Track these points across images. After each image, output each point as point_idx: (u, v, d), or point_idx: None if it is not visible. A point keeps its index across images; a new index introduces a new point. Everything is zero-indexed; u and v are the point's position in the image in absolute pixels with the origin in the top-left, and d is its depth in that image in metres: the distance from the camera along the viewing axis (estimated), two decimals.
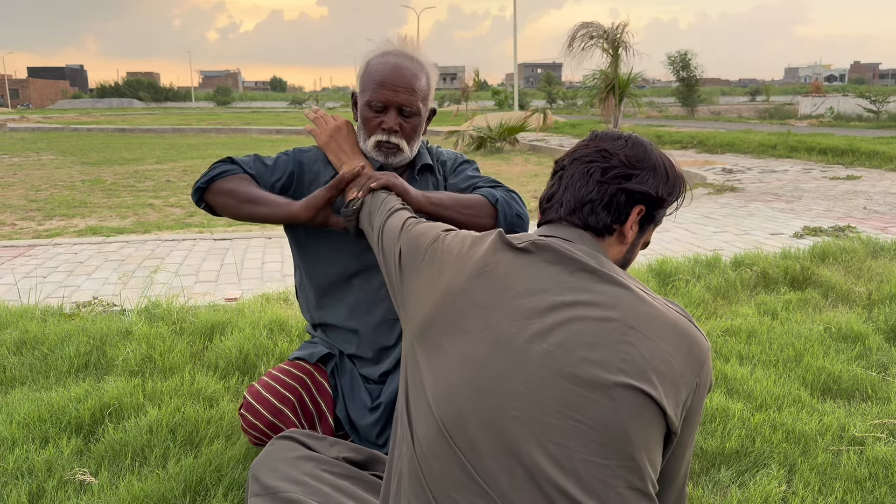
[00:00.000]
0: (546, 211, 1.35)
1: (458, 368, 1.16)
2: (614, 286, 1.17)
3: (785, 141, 13.87)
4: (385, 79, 1.91)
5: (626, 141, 1.33)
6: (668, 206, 1.36)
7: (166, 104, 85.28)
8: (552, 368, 1.10)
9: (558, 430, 1.07)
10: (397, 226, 1.51)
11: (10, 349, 2.97)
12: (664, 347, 1.13)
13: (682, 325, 1.17)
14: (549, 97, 55.47)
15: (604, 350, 1.10)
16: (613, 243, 1.31)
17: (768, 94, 68.22)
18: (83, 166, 14.17)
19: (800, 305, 3.66)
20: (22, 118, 38.99)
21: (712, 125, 23.25)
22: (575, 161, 1.33)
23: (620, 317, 1.13)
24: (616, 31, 8.30)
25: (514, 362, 1.13)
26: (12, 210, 8.69)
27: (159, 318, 3.39)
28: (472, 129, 17.86)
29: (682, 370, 1.13)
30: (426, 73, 1.98)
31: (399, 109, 1.93)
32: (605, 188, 1.28)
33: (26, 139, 23.01)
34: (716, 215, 7.04)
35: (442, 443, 1.14)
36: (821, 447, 2.22)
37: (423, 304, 1.27)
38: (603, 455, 1.06)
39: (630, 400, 1.08)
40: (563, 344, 1.11)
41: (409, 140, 1.97)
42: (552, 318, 1.14)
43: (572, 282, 1.18)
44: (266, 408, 1.94)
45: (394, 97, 1.91)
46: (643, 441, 1.09)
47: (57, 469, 2.05)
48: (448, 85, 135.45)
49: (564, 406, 1.08)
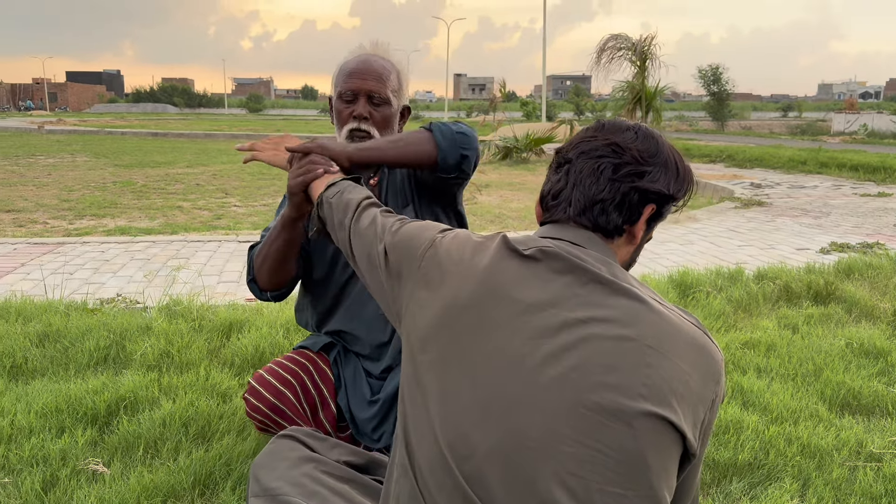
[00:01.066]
0: (552, 208, 1.25)
1: (465, 391, 1.09)
2: (629, 299, 1.10)
3: (815, 157, 13.69)
4: (354, 69, 1.96)
5: (636, 133, 1.23)
6: (677, 203, 1.27)
7: (200, 110, 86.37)
8: (568, 394, 1.04)
9: (575, 459, 1.01)
10: (372, 225, 1.40)
11: (33, 341, 3.02)
12: (683, 367, 1.07)
13: (699, 340, 1.12)
14: (578, 109, 55.31)
15: (622, 374, 1.04)
16: (622, 244, 1.23)
17: (801, 110, 67.33)
18: (116, 168, 14.40)
19: (822, 320, 3.61)
20: (59, 121, 39.73)
21: (742, 140, 23.02)
22: (583, 155, 1.23)
23: (638, 335, 1.07)
24: (644, 43, 8.28)
25: (527, 387, 1.06)
26: (45, 209, 8.85)
27: (179, 316, 3.43)
28: (499, 139, 17.85)
29: (699, 389, 1.09)
30: (396, 70, 2.01)
31: (369, 97, 1.94)
32: (618, 186, 1.19)
33: (62, 141, 23.45)
34: (742, 229, 6.97)
35: (446, 472, 1.08)
36: (836, 462, 2.18)
37: (424, 317, 1.19)
38: (621, 485, 1.01)
39: (650, 427, 1.02)
40: (578, 367, 1.05)
41: (380, 129, 1.97)
42: (565, 336, 1.07)
43: (585, 294, 1.11)
44: (269, 390, 1.98)
45: (362, 84, 1.94)
46: (662, 468, 1.04)
47: (71, 458, 2.08)
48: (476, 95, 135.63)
49: (581, 434, 1.02)
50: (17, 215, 8.36)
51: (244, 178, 12.75)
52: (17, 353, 2.87)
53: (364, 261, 1.39)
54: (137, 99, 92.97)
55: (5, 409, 2.34)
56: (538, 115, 36.32)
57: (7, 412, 2.32)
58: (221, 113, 77.75)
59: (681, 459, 1.10)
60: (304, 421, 2.00)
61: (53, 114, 61.81)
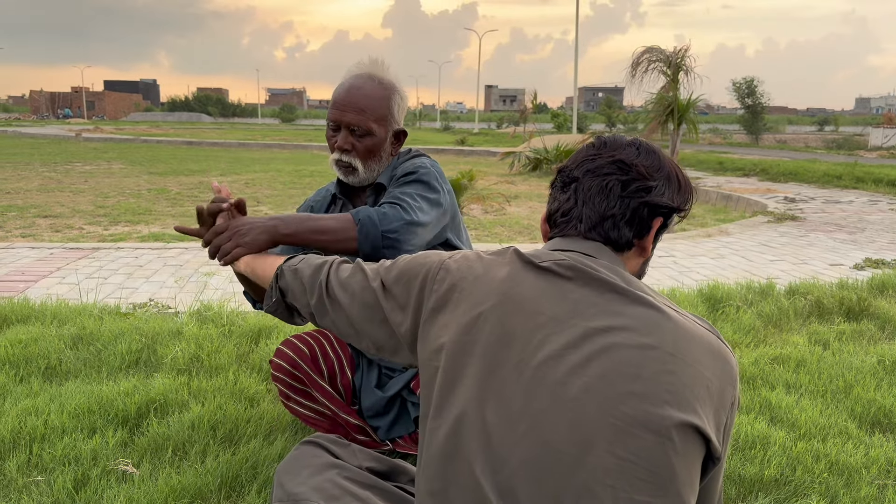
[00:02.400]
0: (562, 225, 1.28)
1: (492, 406, 1.10)
2: (646, 308, 1.12)
3: (851, 171, 13.49)
4: (337, 99, 1.97)
5: (637, 149, 1.27)
6: (682, 214, 1.30)
7: (233, 120, 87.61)
8: (595, 404, 1.05)
9: (603, 468, 1.02)
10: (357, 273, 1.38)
11: (67, 343, 3.09)
12: (703, 372, 1.09)
13: (715, 345, 1.13)
14: (609, 121, 55.10)
15: (647, 382, 1.05)
16: (632, 257, 1.26)
17: (837, 124, 66.34)
18: (150, 176, 14.67)
19: (853, 336, 3.55)
20: (96, 129, 40.59)
21: (777, 153, 22.74)
22: (589, 173, 1.26)
23: (659, 343, 1.08)
24: (677, 55, 8.24)
25: (554, 399, 1.07)
26: (81, 215, 9.04)
27: (210, 321, 3.49)
28: (529, 150, 17.86)
29: (719, 393, 1.10)
30: (387, 93, 1.98)
31: (350, 129, 1.96)
32: (627, 203, 1.22)
33: (98, 149, 23.95)
34: (774, 244, 6.88)
35: (475, 489, 1.08)
36: (865, 480, 2.14)
37: (444, 337, 1.19)
38: (650, 493, 1.02)
39: (676, 433, 1.04)
40: (603, 377, 1.06)
41: (364, 160, 1.98)
42: (588, 347, 1.09)
43: (603, 304, 1.13)
44: (290, 347, 2.14)
45: (342, 116, 1.95)
46: (688, 474, 1.05)
47: (101, 458, 2.12)
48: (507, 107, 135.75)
49: (609, 444, 1.03)
50: (54, 220, 8.55)
51: (276, 187, 12.90)
52: (51, 354, 2.94)
53: (355, 308, 1.36)
54: (173, 108, 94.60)
55: (39, 409, 2.40)
56: (569, 126, 36.25)
57: (41, 412, 2.38)
58: (255, 123, 78.72)
59: (704, 463, 1.11)
60: (323, 383, 2.14)
61: (91, 122, 63.14)
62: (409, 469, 1.62)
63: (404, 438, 2.18)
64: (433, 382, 1.19)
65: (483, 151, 25.48)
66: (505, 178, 15.47)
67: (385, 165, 2.03)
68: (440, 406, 1.16)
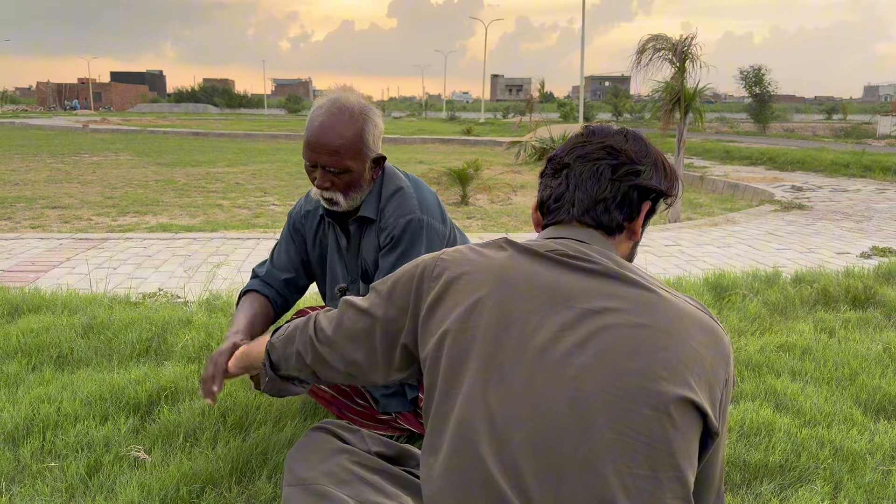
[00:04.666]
0: (554, 211, 1.31)
1: (494, 388, 1.13)
2: (640, 289, 1.16)
3: (859, 160, 13.42)
4: (309, 139, 1.99)
5: (624, 136, 1.32)
6: (668, 200, 1.34)
7: (240, 110, 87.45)
8: (594, 382, 1.08)
9: (604, 444, 1.05)
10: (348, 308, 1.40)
11: (79, 333, 3.12)
12: (697, 349, 1.12)
13: (708, 323, 1.17)
14: (616, 110, 54.90)
15: (643, 359, 1.09)
16: (623, 241, 1.30)
17: (845, 112, 65.84)
18: (157, 167, 14.72)
19: (859, 325, 3.56)
20: (103, 120, 40.67)
21: (784, 142, 22.63)
22: (580, 159, 1.30)
23: (653, 322, 1.12)
24: (684, 43, 8.20)
25: (554, 378, 1.10)
26: (89, 206, 9.09)
27: (219, 310, 3.52)
28: (535, 139, 17.83)
29: (713, 369, 1.14)
30: (359, 125, 1.99)
31: (325, 169, 2.00)
32: (618, 186, 1.27)
33: (106, 140, 24.01)
34: (781, 232, 6.88)
35: (478, 466, 1.10)
36: (870, 466, 2.16)
37: (443, 325, 1.21)
38: (651, 467, 1.05)
39: (674, 408, 1.07)
40: (601, 355, 1.10)
41: (344, 193, 2.04)
42: (585, 327, 1.12)
43: (597, 287, 1.16)
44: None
45: (317, 159, 1.99)
46: (687, 449, 1.08)
47: (114, 445, 2.15)
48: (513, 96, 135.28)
49: (610, 420, 1.06)
50: (62, 211, 8.59)
51: (282, 178, 12.92)
52: (63, 343, 2.97)
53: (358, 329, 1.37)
54: (179, 99, 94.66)
55: (52, 397, 2.43)
56: (576, 116, 36.17)
57: (54, 400, 2.41)
58: (261, 113, 78.67)
59: (704, 440, 1.14)
60: None
61: (98, 113, 63.22)
62: (417, 453, 1.64)
63: (405, 416, 2.19)
64: (437, 370, 1.21)
65: (489, 141, 25.45)
66: (511, 167, 15.47)
67: (367, 192, 2.10)
68: (446, 392, 1.18)
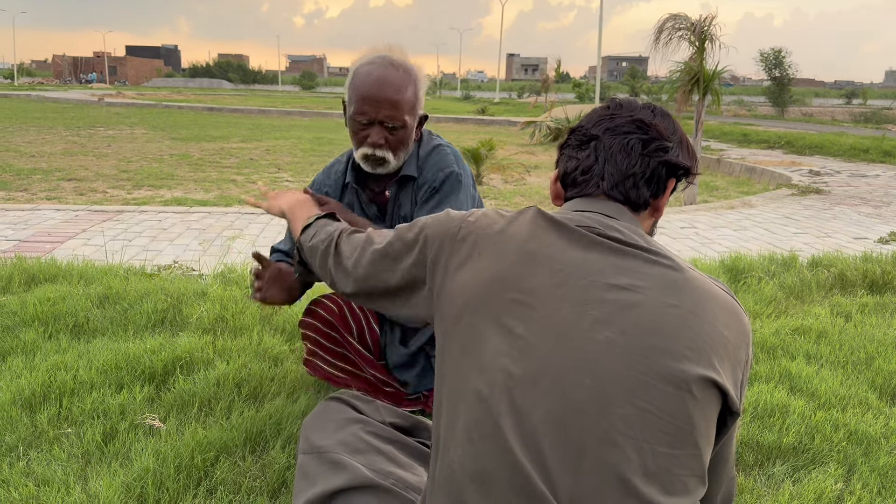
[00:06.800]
0: (581, 184, 1.29)
1: (515, 360, 1.11)
2: (667, 268, 1.15)
3: (879, 145, 13.26)
4: (368, 94, 1.91)
5: (652, 111, 1.30)
6: (690, 179, 1.32)
7: (254, 86, 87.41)
8: (618, 358, 1.07)
9: (626, 420, 1.04)
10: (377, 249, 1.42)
11: (94, 302, 3.15)
12: (721, 330, 1.11)
13: (730, 304, 1.16)
14: (633, 91, 54.41)
15: (668, 338, 1.08)
16: (646, 217, 1.29)
17: (866, 97, 64.91)
18: (172, 141, 14.74)
19: (876, 309, 3.53)
20: (118, 94, 40.73)
21: (802, 126, 22.40)
22: (609, 131, 1.27)
23: (680, 302, 1.11)
24: (703, 23, 8.09)
25: (577, 352, 1.09)
26: (104, 179, 9.13)
27: (234, 283, 3.53)
28: (550, 120, 17.71)
29: (735, 349, 1.13)
30: (413, 81, 1.96)
31: (383, 124, 1.93)
32: (647, 161, 1.25)
33: (121, 114, 24.06)
34: (798, 216, 6.81)
35: (496, 438, 1.09)
36: (884, 449, 2.15)
37: (465, 292, 1.20)
38: (670, 444, 1.05)
39: (696, 387, 1.06)
40: (626, 331, 1.08)
41: (395, 151, 1.98)
42: (611, 303, 1.10)
43: (623, 263, 1.15)
44: (322, 307, 2.25)
45: (376, 113, 1.91)
46: (706, 427, 1.08)
47: (129, 413, 2.18)
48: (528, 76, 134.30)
49: (632, 396, 1.05)
50: (78, 184, 8.64)
51: (296, 154, 12.92)
52: (79, 313, 3.00)
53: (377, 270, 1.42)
54: (194, 74, 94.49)
55: (68, 365, 2.46)
56: (591, 96, 35.89)
57: (70, 368, 2.43)
58: (275, 90, 78.57)
59: (724, 419, 1.14)
60: (352, 339, 2.23)
61: (113, 87, 63.30)
62: (430, 425, 1.64)
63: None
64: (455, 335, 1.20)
65: (503, 121, 25.31)
66: (525, 148, 15.38)
67: (410, 151, 2.06)
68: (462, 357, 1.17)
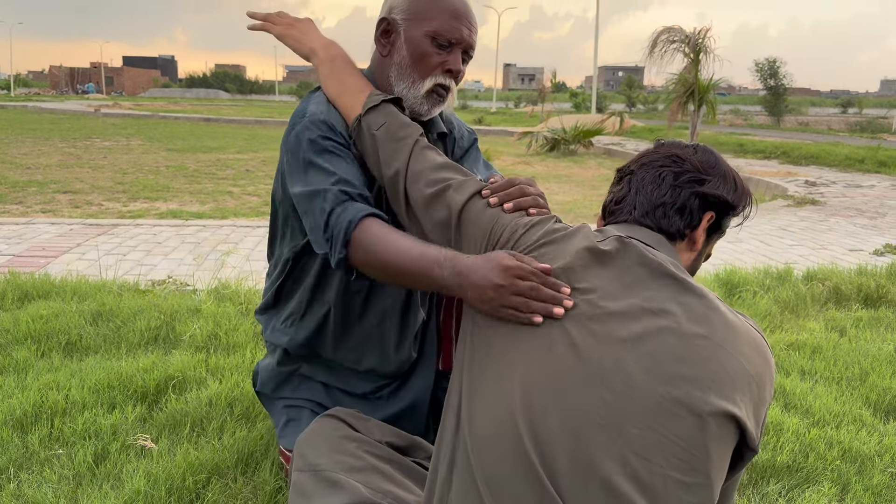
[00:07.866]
0: (615, 213, 1.34)
1: (538, 367, 1.13)
2: (698, 298, 1.16)
3: (874, 155, 13.30)
4: (457, 10, 1.58)
5: (695, 149, 1.33)
6: (735, 216, 1.34)
7: (251, 96, 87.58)
8: (641, 379, 1.08)
9: (642, 442, 1.06)
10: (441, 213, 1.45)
11: (87, 320, 3.14)
12: (747, 367, 1.13)
13: (759, 342, 1.18)
14: (629, 101, 54.58)
15: (695, 367, 1.09)
16: (683, 249, 1.30)
17: (861, 106, 65.17)
18: (168, 153, 14.73)
19: (871, 324, 3.53)
20: (115, 104, 40.77)
21: (798, 136, 22.44)
22: (644, 166, 1.33)
23: (710, 334, 1.12)
24: (697, 35, 8.13)
25: (602, 368, 1.10)
26: (100, 191, 9.11)
27: (228, 299, 3.52)
28: (547, 130, 17.74)
29: (760, 388, 1.14)
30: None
31: (465, 51, 1.62)
32: (679, 192, 1.28)
33: (117, 124, 24.06)
34: (793, 228, 6.83)
35: (510, 440, 1.10)
36: (878, 468, 2.14)
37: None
38: (682, 471, 1.05)
39: (714, 420, 1.07)
40: (653, 355, 1.10)
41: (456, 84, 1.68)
42: (641, 326, 1.12)
43: (657, 288, 1.16)
44: None
45: (468, 36, 1.60)
46: (719, 460, 1.09)
47: (121, 433, 2.16)
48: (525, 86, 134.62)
49: (651, 419, 1.06)
50: (73, 196, 8.62)
51: None
52: (72, 330, 2.99)
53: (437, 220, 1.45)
54: (191, 84, 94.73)
55: (60, 384, 2.44)
56: (588, 106, 36.00)
57: (62, 387, 2.42)
58: (272, 100, 78.63)
59: (740, 453, 1.14)
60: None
61: (109, 97, 63.36)
62: (427, 446, 1.64)
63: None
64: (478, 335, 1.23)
65: (500, 131, 25.33)
66: (522, 158, 15.40)
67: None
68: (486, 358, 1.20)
